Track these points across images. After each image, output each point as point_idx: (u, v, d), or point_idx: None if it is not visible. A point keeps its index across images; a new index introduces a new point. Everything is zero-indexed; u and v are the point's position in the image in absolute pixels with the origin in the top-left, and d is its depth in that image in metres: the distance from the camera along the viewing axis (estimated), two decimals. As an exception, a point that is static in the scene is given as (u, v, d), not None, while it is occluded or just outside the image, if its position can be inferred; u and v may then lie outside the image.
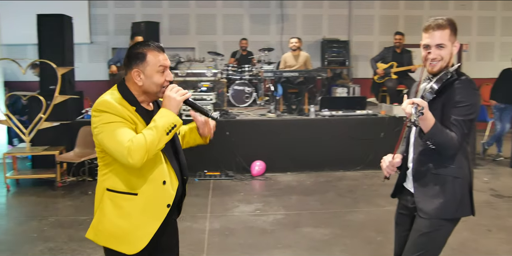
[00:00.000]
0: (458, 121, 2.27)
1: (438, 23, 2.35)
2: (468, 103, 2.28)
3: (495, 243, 4.40)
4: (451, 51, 2.38)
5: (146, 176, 2.14)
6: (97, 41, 10.47)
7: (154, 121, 2.07)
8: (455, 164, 2.37)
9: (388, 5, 11.13)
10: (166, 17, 10.58)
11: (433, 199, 2.39)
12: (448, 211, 2.39)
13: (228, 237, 4.54)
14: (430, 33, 2.37)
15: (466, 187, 2.41)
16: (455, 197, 2.38)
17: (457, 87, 2.31)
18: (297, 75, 7.88)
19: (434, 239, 2.42)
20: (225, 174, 6.88)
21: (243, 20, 10.88)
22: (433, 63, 2.38)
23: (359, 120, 7.44)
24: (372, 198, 5.89)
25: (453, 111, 2.29)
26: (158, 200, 2.18)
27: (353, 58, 11.06)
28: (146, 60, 2.11)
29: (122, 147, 1.99)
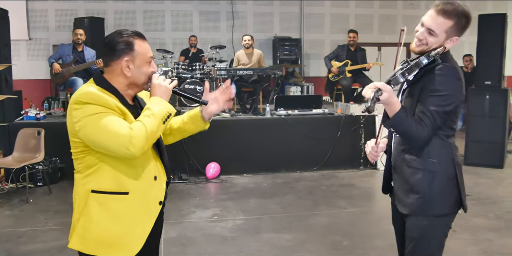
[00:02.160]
0: (431, 112, 2.04)
1: (445, 9, 2.08)
2: (445, 92, 2.05)
3: (463, 244, 4.30)
4: (441, 42, 2.13)
5: (137, 171, 1.98)
6: (36, 37, 9.78)
7: (149, 109, 1.94)
8: (433, 157, 2.15)
9: (339, 4, 11.11)
10: (111, 13, 10.05)
11: (409, 193, 2.20)
12: (423, 207, 2.16)
13: (186, 246, 4.22)
14: (432, 13, 2.12)
15: (445, 182, 2.17)
16: (431, 192, 2.15)
17: (437, 74, 2.05)
18: (251, 73, 7.62)
19: (427, 239, 2.21)
20: (178, 177, 6.55)
21: (192, 17, 10.52)
22: (417, 42, 2.16)
23: (315, 119, 7.29)
24: (333, 199, 5.74)
25: (428, 100, 2.06)
26: (150, 197, 2.04)
27: (305, 57, 10.95)
28: (134, 49, 1.97)
29: (121, 136, 1.82)
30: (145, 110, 1.96)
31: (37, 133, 5.89)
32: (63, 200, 5.60)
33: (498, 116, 7.38)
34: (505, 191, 6.15)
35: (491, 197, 5.84)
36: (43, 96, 8.60)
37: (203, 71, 8.88)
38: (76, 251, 2.01)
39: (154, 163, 2.08)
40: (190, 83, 8.48)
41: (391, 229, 4.67)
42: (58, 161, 6.34)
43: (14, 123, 6.50)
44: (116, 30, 2.03)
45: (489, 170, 7.15)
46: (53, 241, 4.27)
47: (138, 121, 1.91)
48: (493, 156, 7.40)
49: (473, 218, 5.02)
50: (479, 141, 7.46)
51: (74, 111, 1.89)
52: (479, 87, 7.51)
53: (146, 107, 1.97)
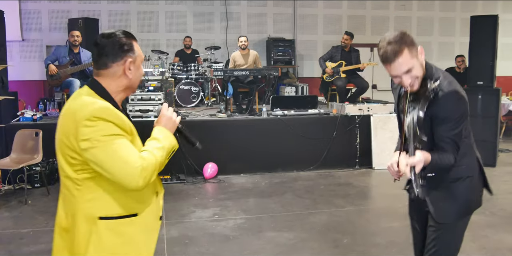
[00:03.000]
0: (449, 138, 2.22)
1: (393, 52, 2.14)
2: (454, 117, 2.20)
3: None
4: (420, 63, 2.22)
5: (142, 191, 1.86)
6: (30, 38, 9.74)
7: (159, 141, 1.87)
8: (464, 163, 2.31)
9: (332, 5, 11.18)
10: (105, 14, 10.03)
11: (447, 203, 2.35)
12: (462, 212, 2.37)
13: (188, 245, 4.25)
14: (392, 65, 2.18)
15: (476, 182, 2.38)
16: (466, 198, 2.35)
17: (442, 102, 2.20)
18: (247, 74, 7.67)
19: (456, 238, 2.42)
20: (176, 178, 6.56)
21: (186, 18, 10.53)
22: (411, 87, 2.25)
23: (311, 119, 7.35)
24: (331, 198, 5.79)
25: (442, 128, 2.23)
26: (154, 214, 1.97)
27: (299, 57, 11.01)
28: (134, 50, 1.90)
29: (132, 167, 1.70)
30: (153, 141, 1.87)
31: (35, 134, 5.87)
32: (62, 201, 5.58)
33: (490, 115, 7.49)
34: (498, 189, 6.22)
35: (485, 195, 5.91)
36: (38, 97, 8.58)
37: (198, 72, 8.93)
38: None
39: (155, 178, 1.98)
40: (185, 84, 8.52)
41: (390, 227, 4.77)
42: (56, 162, 6.33)
43: (11, 124, 6.48)
44: (111, 31, 1.92)
45: (482, 169, 7.25)
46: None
47: (148, 152, 1.80)
48: (485, 155, 7.34)
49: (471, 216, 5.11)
50: (471, 141, 7.57)
51: (83, 128, 1.71)
52: (471, 87, 7.61)
53: (156, 138, 1.89)
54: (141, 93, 6.78)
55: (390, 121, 7.33)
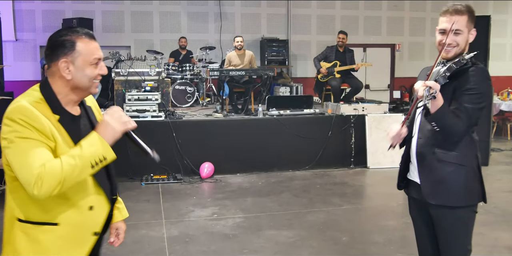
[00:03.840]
0: (466, 108, 2.22)
1: (457, 9, 2.29)
2: (479, 91, 2.23)
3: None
4: (467, 38, 2.33)
5: (69, 201, 1.75)
6: (23, 38, 9.70)
7: (80, 148, 1.68)
8: (461, 151, 2.32)
9: (325, 5, 11.26)
10: (99, 14, 10.02)
11: (438, 184, 2.34)
12: (453, 198, 2.33)
13: (189, 244, 4.27)
14: (448, 17, 2.31)
15: (472, 175, 2.36)
16: (459, 184, 2.33)
17: (471, 75, 2.25)
18: (243, 74, 7.70)
19: (459, 232, 2.40)
20: (173, 177, 6.58)
21: (180, 18, 10.55)
22: (447, 49, 2.32)
23: (307, 119, 7.40)
24: (327, 197, 5.84)
25: (464, 98, 2.24)
26: (83, 228, 1.82)
27: (292, 57, 11.08)
28: (75, 49, 1.76)
29: (30, 173, 1.59)
30: (77, 147, 1.69)
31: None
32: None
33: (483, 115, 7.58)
34: (492, 188, 6.31)
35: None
36: (32, 97, 8.54)
37: (193, 72, 8.96)
38: None
39: (94, 191, 1.85)
40: (181, 84, 8.55)
41: (388, 225, 4.84)
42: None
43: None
44: (60, 29, 1.85)
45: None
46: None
47: (60, 160, 1.64)
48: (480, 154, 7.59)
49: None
50: (464, 140, 7.67)
51: (3, 126, 1.65)
52: (464, 87, 7.71)
53: (80, 144, 1.70)
54: (138, 93, 6.79)
55: (385, 121, 7.41)
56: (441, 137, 2.30)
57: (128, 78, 6.90)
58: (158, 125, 6.78)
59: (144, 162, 6.69)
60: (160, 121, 6.80)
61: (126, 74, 6.93)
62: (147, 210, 5.29)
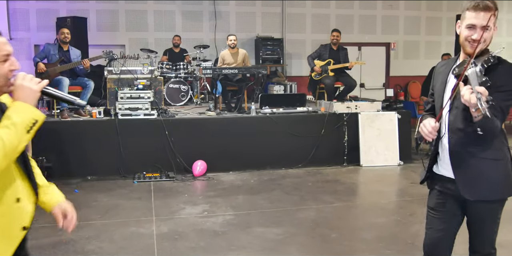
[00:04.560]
0: (501, 107, 2.25)
1: (486, 5, 2.29)
2: (510, 88, 2.28)
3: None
4: (492, 34, 2.35)
5: None
6: (18, 37, 9.69)
7: (9, 118, 1.63)
8: (494, 146, 2.37)
9: (320, 4, 11.26)
10: (93, 13, 10.01)
11: (476, 181, 2.38)
12: (493, 192, 2.40)
13: (178, 241, 4.28)
14: (478, 13, 2.29)
15: (509, 167, 2.42)
16: (498, 179, 2.39)
17: (501, 72, 2.28)
18: (236, 72, 7.71)
19: (498, 218, 2.48)
20: (165, 175, 6.58)
21: (175, 17, 10.55)
22: (474, 44, 2.32)
23: (300, 117, 7.41)
24: (319, 194, 5.86)
25: (496, 96, 2.21)
26: (10, 222, 1.75)
27: (287, 56, 11.08)
28: None
29: None
30: (3, 120, 1.65)
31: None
32: (51, 199, 5.60)
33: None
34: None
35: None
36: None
37: (187, 71, 8.96)
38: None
39: (19, 182, 1.80)
40: (174, 83, 8.56)
41: (377, 222, 4.85)
42: (45, 161, 6.30)
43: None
44: None
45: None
46: (46, 237, 4.29)
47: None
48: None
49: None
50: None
51: None
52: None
53: (5, 115, 1.65)
54: (130, 91, 6.79)
55: (378, 119, 7.43)
56: (474, 136, 2.29)
57: (121, 77, 6.90)
58: (150, 123, 6.79)
59: (138, 161, 6.72)
60: (153, 119, 6.81)
61: (119, 73, 6.93)
62: (138, 207, 5.29)
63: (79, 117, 6.88)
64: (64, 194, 5.46)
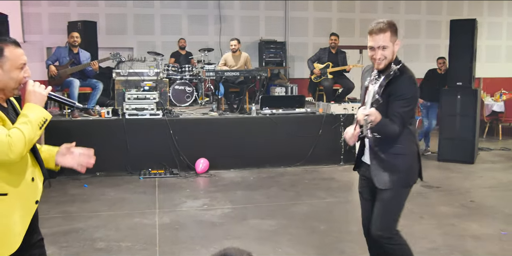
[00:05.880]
0: (399, 113, 2.74)
1: (380, 27, 2.72)
2: (407, 96, 2.75)
3: (427, 228, 4.79)
4: (393, 49, 2.77)
5: (15, 174, 2.12)
6: (31, 40, 10.13)
7: (25, 116, 2.06)
8: (402, 143, 2.83)
9: (322, 8, 11.60)
10: (102, 17, 10.44)
11: (387, 172, 2.83)
12: (401, 182, 2.86)
13: (179, 230, 4.65)
14: (373, 36, 2.74)
15: (413, 160, 2.89)
16: (404, 170, 2.86)
17: (399, 83, 2.72)
18: (237, 74, 8.07)
19: (395, 205, 2.92)
20: (169, 172, 6.96)
21: (181, 21, 10.94)
22: (379, 62, 2.77)
23: (299, 118, 7.75)
24: (314, 191, 6.19)
25: (396, 104, 2.74)
26: (28, 197, 2.19)
27: (290, 59, 11.43)
28: (4, 55, 2.08)
29: (1, 143, 1.95)
30: (21, 117, 2.07)
31: (37, 130, 6.26)
32: (62, 193, 6.01)
33: (469, 115, 7.90)
34: (472, 184, 6.66)
35: (459, 189, 6.34)
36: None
37: (192, 73, 9.33)
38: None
39: (31, 165, 2.22)
40: (180, 84, 8.92)
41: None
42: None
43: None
44: None
45: (461, 165, 7.68)
46: (57, 226, 4.69)
47: (15, 128, 2.01)
48: (464, 152, 7.91)
49: (440, 207, 5.53)
50: (451, 139, 7.98)
51: None
52: (451, 88, 8.00)
53: (22, 114, 2.08)
54: (136, 92, 7.18)
55: (373, 120, 7.73)
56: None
57: (128, 78, 7.29)
58: (156, 122, 7.17)
59: (144, 158, 7.09)
60: (158, 119, 7.19)
61: (126, 75, 7.32)
62: (142, 200, 5.67)
63: (89, 116, 7.27)
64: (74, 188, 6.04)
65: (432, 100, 8.46)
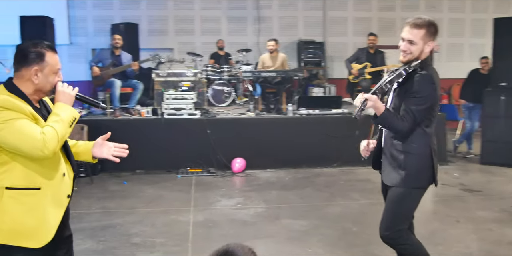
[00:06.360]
0: (411, 110, 2.68)
1: (416, 23, 2.70)
2: (422, 94, 2.68)
3: (463, 233, 4.68)
4: (422, 49, 2.72)
5: (48, 169, 2.22)
6: (77, 42, 10.53)
7: (57, 115, 2.20)
8: (414, 142, 2.78)
9: (362, 7, 11.49)
10: (144, 19, 10.72)
11: (395, 170, 2.81)
12: (409, 181, 2.79)
13: (211, 228, 4.75)
14: (407, 29, 2.72)
15: (425, 161, 2.81)
16: (413, 170, 2.79)
17: (416, 80, 2.68)
18: (274, 75, 8.12)
19: (403, 205, 2.86)
20: (206, 171, 7.08)
21: (220, 22, 11.09)
22: (404, 54, 2.75)
23: (335, 119, 7.71)
24: (348, 192, 6.17)
25: (409, 101, 2.69)
26: (60, 191, 2.30)
27: (329, 59, 11.37)
28: (45, 60, 2.21)
29: (36, 140, 2.06)
30: (53, 116, 2.20)
31: (81, 128, 6.54)
32: (103, 189, 6.24)
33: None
34: (514, 188, 6.44)
35: (501, 193, 6.15)
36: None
37: (230, 73, 9.44)
38: None
39: (63, 161, 2.33)
40: (219, 85, 9.05)
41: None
42: (98, 155, 6.94)
43: (59, 120, 7.14)
44: (32, 40, 2.25)
45: (505, 169, 7.41)
46: (97, 221, 4.89)
47: (48, 126, 2.14)
48: (508, 155, 7.62)
49: (479, 211, 5.37)
50: (494, 141, 7.69)
51: None
52: (494, 88, 7.74)
53: (54, 113, 2.21)
54: (175, 92, 7.34)
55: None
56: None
57: (167, 79, 7.48)
58: (193, 122, 7.31)
59: (182, 157, 7.24)
60: (196, 119, 7.33)
61: (165, 75, 7.51)
62: (178, 198, 5.81)
63: (129, 116, 7.50)
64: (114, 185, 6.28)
65: (475, 101, 8.22)
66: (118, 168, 7.10)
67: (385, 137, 2.89)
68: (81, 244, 4.27)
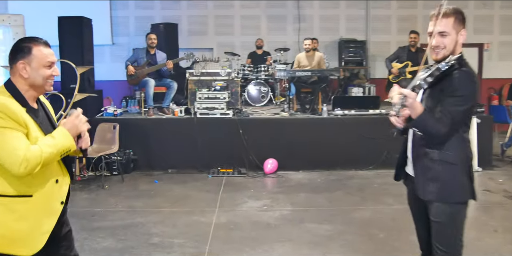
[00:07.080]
0: (449, 111, 2.34)
1: (446, 12, 2.39)
2: (462, 94, 2.34)
3: (499, 243, 4.39)
4: (456, 39, 2.42)
5: (40, 177, 2.17)
6: (119, 42, 10.76)
7: (54, 138, 2.16)
8: (451, 150, 2.44)
9: (406, 5, 11.09)
10: (184, 19, 10.81)
11: (430, 182, 2.46)
12: (446, 195, 2.44)
13: (232, 230, 4.67)
14: (434, 20, 2.41)
15: (463, 173, 2.47)
16: (451, 182, 2.44)
17: (455, 78, 2.35)
18: (309, 74, 7.96)
19: (449, 223, 2.48)
20: (237, 171, 7.02)
21: (260, 21, 11.01)
22: (436, 51, 2.43)
23: (372, 120, 7.47)
24: (381, 196, 5.94)
25: (447, 101, 2.35)
26: (52, 198, 2.26)
27: (371, 58, 11.06)
28: (32, 53, 2.20)
29: (17, 156, 2.01)
30: (50, 138, 2.16)
31: (113, 127, 6.64)
32: (133, 188, 6.31)
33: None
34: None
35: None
36: (123, 95, 9.48)
37: (267, 73, 9.35)
38: None
39: (57, 167, 2.29)
40: (255, 84, 8.98)
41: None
42: (132, 153, 7.06)
43: (95, 118, 7.30)
44: (24, 37, 2.27)
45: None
46: (120, 220, 4.92)
47: (38, 146, 2.08)
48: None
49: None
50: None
51: None
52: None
53: (53, 136, 2.17)
54: (208, 92, 7.33)
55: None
56: (429, 138, 2.42)
57: (201, 78, 7.48)
58: (226, 122, 7.27)
59: (213, 157, 7.22)
60: (228, 119, 7.28)
61: (199, 74, 7.51)
62: (205, 199, 5.78)
63: (163, 115, 7.55)
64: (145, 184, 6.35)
65: (525, 103, 7.76)
66: (150, 167, 7.18)
67: (414, 145, 2.55)
68: (101, 242, 4.32)
